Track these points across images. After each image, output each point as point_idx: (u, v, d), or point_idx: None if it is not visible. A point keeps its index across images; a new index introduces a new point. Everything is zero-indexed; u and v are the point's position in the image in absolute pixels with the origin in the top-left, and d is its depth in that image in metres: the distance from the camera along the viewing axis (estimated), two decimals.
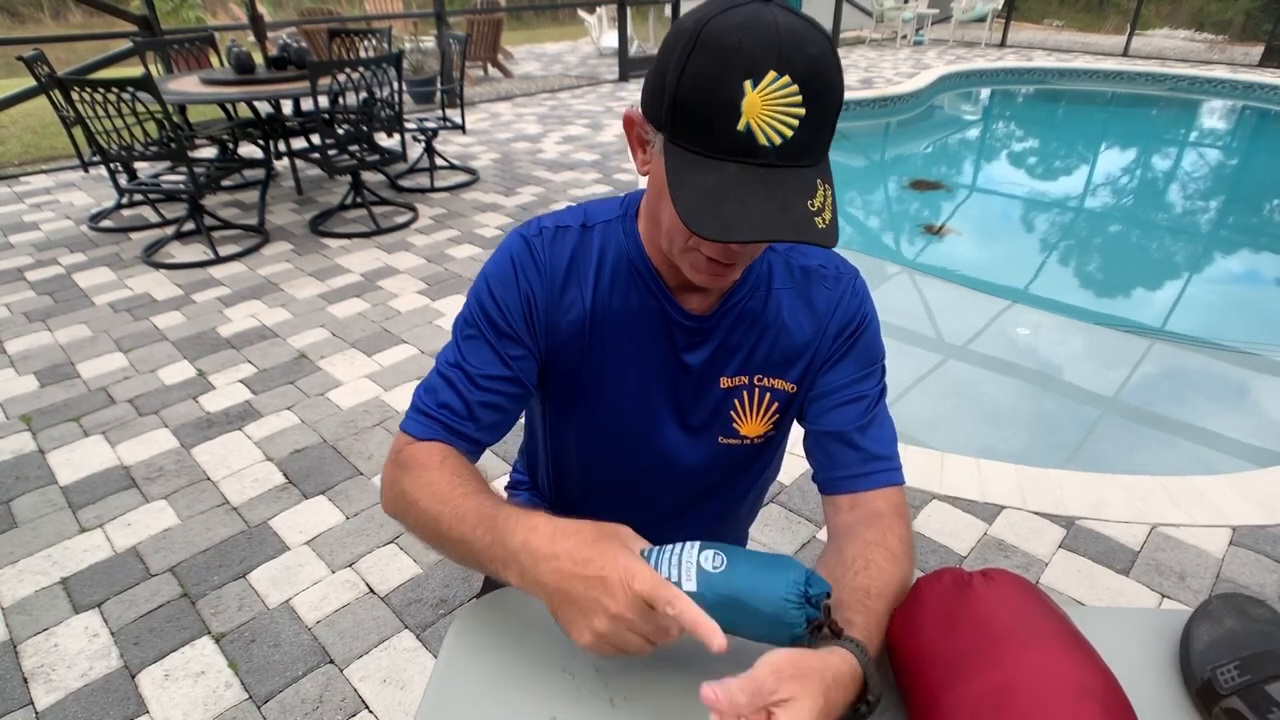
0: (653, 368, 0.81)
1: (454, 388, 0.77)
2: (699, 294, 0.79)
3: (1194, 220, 5.10)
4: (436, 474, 0.72)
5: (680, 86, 0.58)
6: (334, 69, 3.57)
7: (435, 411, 0.77)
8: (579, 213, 0.82)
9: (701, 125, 0.58)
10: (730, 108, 0.56)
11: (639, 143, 0.69)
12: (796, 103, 0.57)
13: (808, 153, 0.59)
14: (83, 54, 6.13)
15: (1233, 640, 0.62)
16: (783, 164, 0.58)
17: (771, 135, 0.57)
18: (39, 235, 4.03)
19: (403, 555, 1.88)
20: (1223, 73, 8.93)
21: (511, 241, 0.80)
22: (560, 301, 0.79)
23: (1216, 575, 1.78)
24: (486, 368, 0.77)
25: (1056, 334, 3.37)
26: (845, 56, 10.26)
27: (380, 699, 1.52)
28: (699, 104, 0.58)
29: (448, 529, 0.68)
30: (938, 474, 2.14)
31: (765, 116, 0.56)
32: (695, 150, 0.59)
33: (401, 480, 0.74)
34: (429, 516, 0.70)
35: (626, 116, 0.69)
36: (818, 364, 0.82)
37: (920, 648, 0.60)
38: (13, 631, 1.67)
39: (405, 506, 0.73)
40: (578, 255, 0.79)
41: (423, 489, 0.71)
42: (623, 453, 0.88)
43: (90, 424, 2.41)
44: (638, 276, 0.79)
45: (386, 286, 3.42)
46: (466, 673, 0.66)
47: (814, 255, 0.83)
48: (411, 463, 0.74)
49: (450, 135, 6.01)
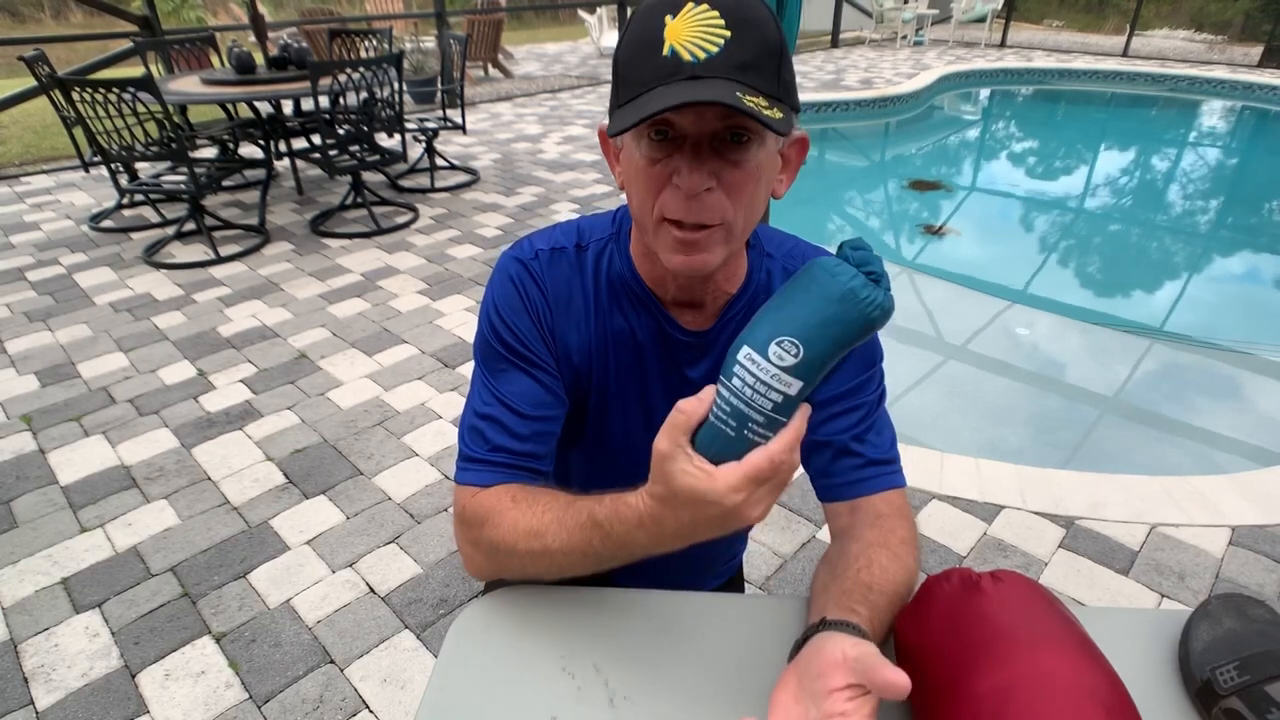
0: (657, 387, 0.80)
1: (502, 426, 0.73)
2: (694, 310, 0.78)
3: (1193, 220, 5.10)
4: (517, 513, 0.68)
5: (619, 54, 0.63)
6: (335, 69, 3.57)
7: (490, 455, 0.73)
8: (571, 232, 0.80)
9: (635, 70, 0.61)
10: (655, 42, 0.59)
11: (614, 155, 0.70)
12: (719, 25, 0.58)
13: (741, 71, 0.59)
14: (84, 54, 6.14)
15: (1232, 640, 0.62)
16: (711, 75, 0.59)
17: (695, 51, 0.59)
18: (40, 235, 4.03)
19: (403, 555, 1.88)
20: (1222, 73, 8.94)
21: (508, 266, 0.77)
22: (565, 325, 0.77)
23: (1216, 575, 1.78)
24: (529, 395, 0.74)
25: (1056, 334, 3.37)
26: (845, 57, 10.27)
27: (380, 699, 1.52)
28: (632, 54, 0.62)
29: (562, 557, 0.66)
30: (937, 474, 2.14)
31: (687, 38, 0.59)
32: (633, 95, 0.61)
33: (483, 533, 0.70)
34: (534, 554, 0.67)
35: (600, 132, 0.69)
36: None
37: (926, 646, 0.60)
38: (13, 631, 1.67)
39: (503, 557, 0.69)
40: (575, 278, 0.78)
41: (510, 532, 0.68)
42: (630, 475, 0.86)
43: (91, 424, 2.41)
44: (634, 297, 0.77)
45: (387, 286, 3.42)
46: (467, 672, 0.66)
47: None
48: (486, 513, 0.70)
49: (451, 135, 6.01)
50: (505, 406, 0.74)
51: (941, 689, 0.56)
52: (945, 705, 0.55)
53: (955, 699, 0.54)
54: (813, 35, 11.50)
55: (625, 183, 0.69)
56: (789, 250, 0.82)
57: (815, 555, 1.88)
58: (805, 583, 1.80)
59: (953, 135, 7.49)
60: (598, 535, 0.63)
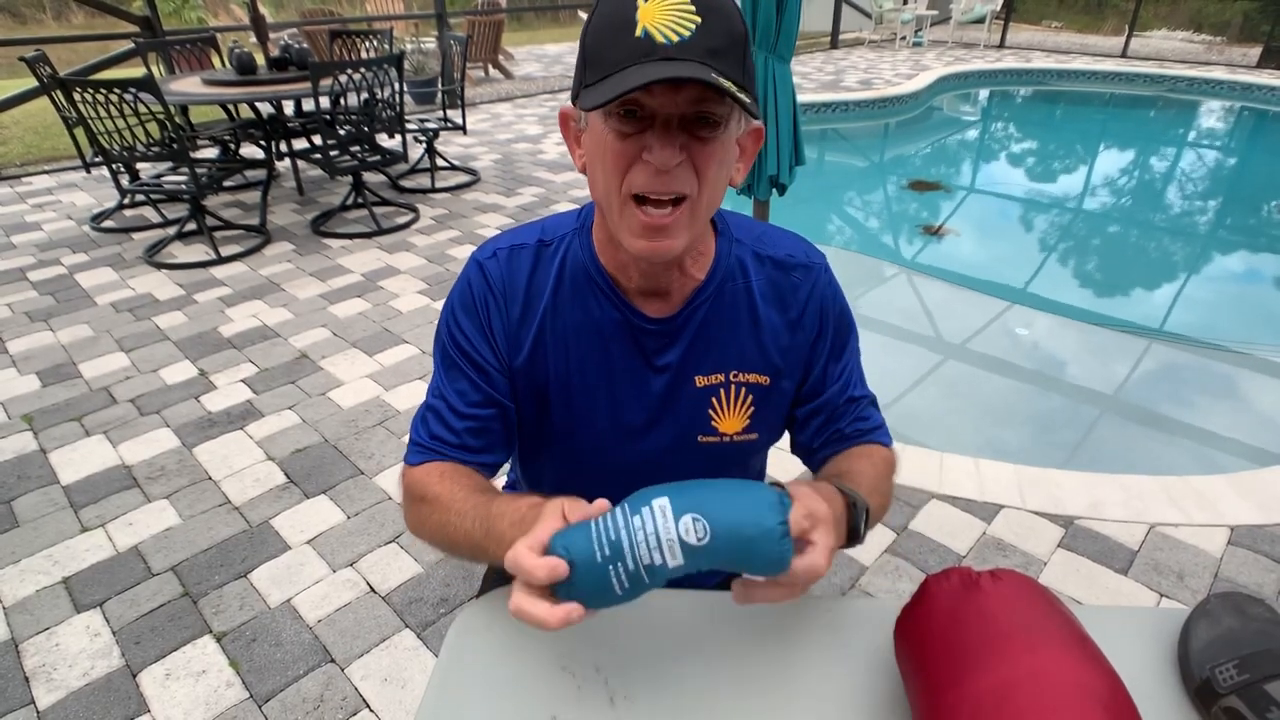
0: (624, 377, 0.81)
1: (441, 418, 0.79)
2: (658, 299, 0.78)
3: (1192, 220, 5.10)
4: (438, 487, 0.75)
5: (587, 36, 0.64)
6: (335, 70, 3.57)
7: (429, 443, 0.79)
8: (535, 229, 0.82)
9: (606, 50, 0.62)
10: (627, 24, 0.61)
11: (574, 138, 0.71)
12: (690, 10, 0.61)
13: (712, 56, 0.61)
14: (85, 55, 6.14)
15: (1231, 639, 0.62)
16: (683, 57, 0.61)
17: (669, 34, 0.60)
18: (41, 235, 4.03)
19: (404, 554, 1.88)
20: (1221, 74, 8.94)
21: (468, 267, 0.81)
22: (521, 321, 0.79)
23: (1215, 574, 1.78)
24: (465, 395, 0.79)
25: (1055, 334, 3.37)
26: (844, 57, 10.27)
27: (381, 698, 1.52)
28: (603, 35, 0.63)
29: (454, 531, 0.70)
30: (936, 473, 2.14)
31: (660, 21, 0.60)
32: (603, 75, 0.62)
33: (411, 505, 0.77)
34: (437, 525, 0.72)
35: (560, 115, 0.71)
36: (792, 355, 0.83)
37: (925, 645, 0.60)
38: (14, 631, 1.67)
39: (420, 526, 0.76)
40: (535, 273, 0.79)
41: (430, 504, 0.74)
42: (600, 471, 0.87)
43: (92, 424, 2.41)
44: (596, 287, 0.78)
45: (387, 286, 3.42)
46: (467, 672, 0.66)
47: (781, 246, 0.83)
48: (415, 486, 0.77)
49: (451, 136, 6.01)
50: (445, 402, 0.80)
51: (941, 688, 0.56)
52: (945, 704, 0.55)
53: (955, 698, 0.55)
54: (812, 36, 11.50)
55: (589, 164, 0.70)
56: (758, 235, 0.83)
57: None
58: None
59: (952, 136, 7.49)
60: (482, 524, 0.67)
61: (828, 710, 0.63)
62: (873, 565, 1.84)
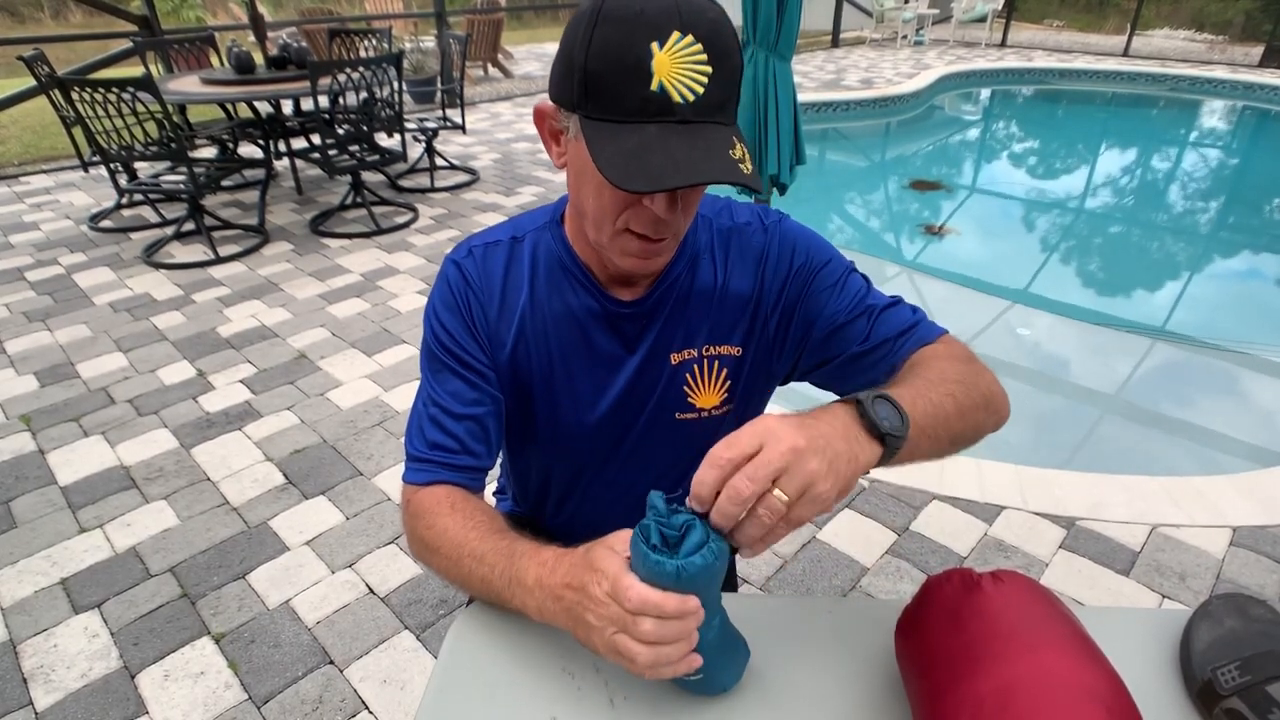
0: (605, 362, 0.82)
1: (438, 425, 0.78)
2: (630, 286, 0.80)
3: (1194, 220, 5.10)
4: (449, 520, 0.73)
5: (589, 60, 0.60)
6: (334, 69, 3.57)
7: (429, 454, 0.78)
8: (508, 227, 0.83)
9: (615, 92, 0.60)
10: (641, 70, 0.59)
11: (552, 135, 0.70)
12: (703, 60, 0.60)
13: (721, 110, 0.62)
14: (83, 54, 6.14)
15: (1233, 640, 0.62)
16: (699, 119, 0.61)
17: (685, 92, 0.59)
18: (39, 235, 4.03)
19: (403, 556, 1.88)
20: (1223, 73, 8.93)
21: (445, 267, 0.81)
22: (500, 317, 0.80)
23: (1217, 575, 1.78)
24: (460, 395, 0.79)
25: (1056, 334, 3.37)
26: (845, 57, 10.26)
27: (380, 699, 1.52)
28: (610, 72, 0.60)
29: (469, 572, 0.69)
30: (937, 474, 2.14)
31: (676, 75, 0.59)
32: (613, 119, 0.61)
33: (418, 529, 0.75)
34: (450, 562, 0.71)
35: (536, 110, 0.70)
36: (760, 319, 0.82)
37: (926, 646, 0.60)
38: (12, 632, 1.67)
39: (429, 554, 0.74)
40: (510, 268, 0.81)
41: (439, 536, 0.72)
42: (586, 455, 0.88)
43: (90, 424, 2.41)
44: (572, 278, 0.80)
45: (386, 286, 3.42)
46: (467, 673, 0.66)
47: (739, 216, 0.83)
48: (422, 511, 0.75)
49: (450, 135, 6.01)
50: (440, 407, 0.79)
51: (942, 689, 0.56)
52: (946, 705, 0.55)
53: (956, 699, 0.54)
54: (813, 35, 11.50)
55: (577, 179, 0.70)
56: (720, 209, 0.84)
57: (815, 556, 1.88)
58: (805, 584, 1.80)
59: (953, 135, 7.49)
60: (505, 573, 0.65)
61: (828, 711, 0.62)
62: (873, 566, 1.84)
